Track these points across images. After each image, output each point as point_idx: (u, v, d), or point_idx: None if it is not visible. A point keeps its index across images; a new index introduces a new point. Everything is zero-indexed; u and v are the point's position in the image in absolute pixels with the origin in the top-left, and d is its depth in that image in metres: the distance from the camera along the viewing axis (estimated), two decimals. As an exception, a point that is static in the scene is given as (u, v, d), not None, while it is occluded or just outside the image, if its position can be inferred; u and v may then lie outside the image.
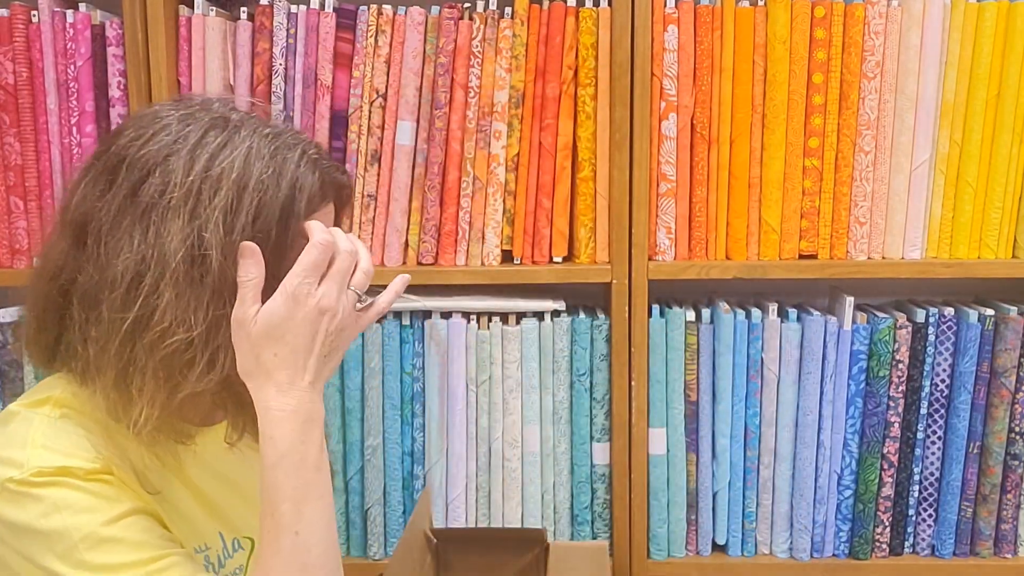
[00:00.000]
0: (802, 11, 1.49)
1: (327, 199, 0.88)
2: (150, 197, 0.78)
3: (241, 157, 0.79)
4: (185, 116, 0.82)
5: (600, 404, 1.57)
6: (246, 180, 0.79)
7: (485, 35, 1.50)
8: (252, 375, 0.80)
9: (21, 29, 1.50)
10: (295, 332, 0.79)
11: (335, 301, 0.82)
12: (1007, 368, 1.53)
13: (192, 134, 0.80)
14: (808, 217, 1.55)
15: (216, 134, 0.81)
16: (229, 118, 0.84)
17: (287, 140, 0.85)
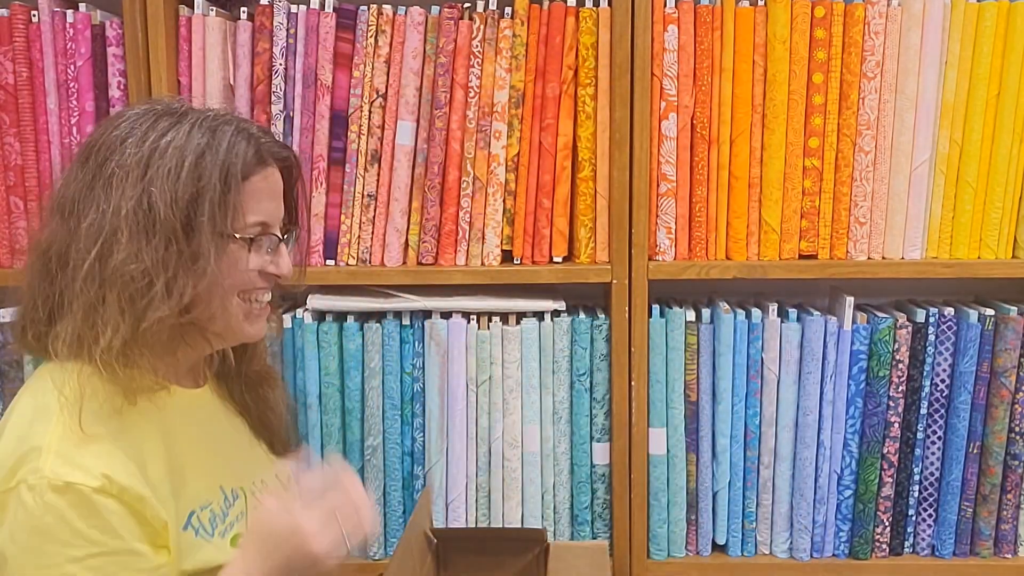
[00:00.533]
0: (802, 11, 1.49)
1: (264, 163, 0.97)
2: (111, 171, 0.91)
3: (184, 133, 0.93)
4: (143, 111, 0.97)
5: (600, 404, 1.57)
6: (187, 148, 0.92)
7: (485, 35, 1.50)
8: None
9: (21, 29, 1.50)
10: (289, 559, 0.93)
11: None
12: (1007, 368, 1.53)
13: (146, 121, 0.94)
14: (808, 217, 1.55)
15: (166, 119, 0.94)
16: (179, 110, 0.97)
17: (226, 119, 0.97)
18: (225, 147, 0.93)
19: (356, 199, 1.55)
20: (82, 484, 0.83)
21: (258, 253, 0.97)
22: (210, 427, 1.05)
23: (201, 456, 0.99)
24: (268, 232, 0.98)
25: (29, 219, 1.54)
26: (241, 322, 0.99)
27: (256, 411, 1.14)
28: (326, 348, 1.55)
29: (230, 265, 0.94)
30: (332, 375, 1.56)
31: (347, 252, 1.56)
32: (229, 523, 0.98)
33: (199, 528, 0.94)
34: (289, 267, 1.00)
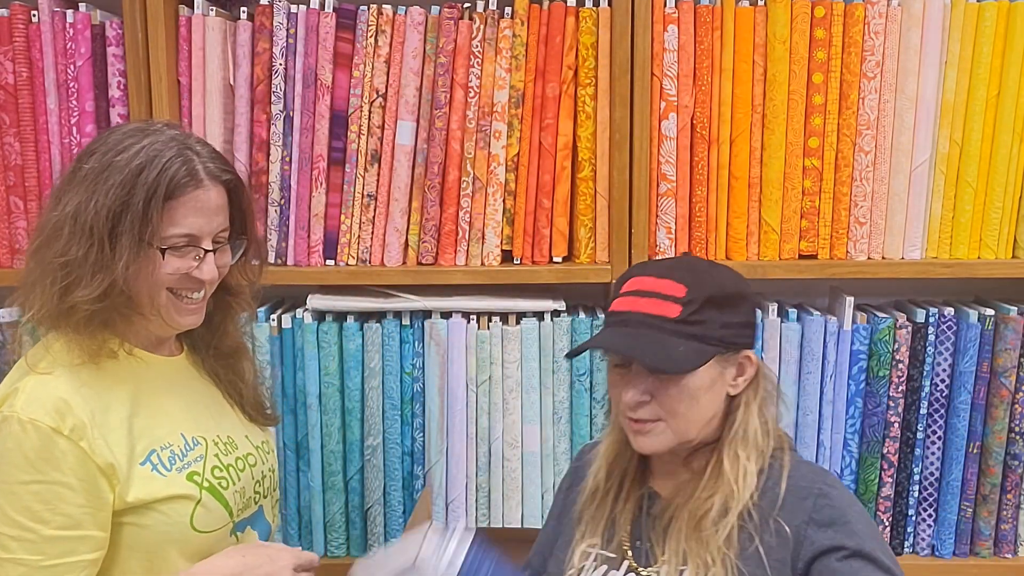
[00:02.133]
0: (802, 11, 1.49)
1: (198, 184, 1.08)
2: (81, 174, 1.07)
3: (135, 152, 1.07)
4: (132, 128, 1.11)
5: (600, 404, 1.57)
6: (130, 165, 1.06)
7: (485, 35, 1.50)
8: None
9: (21, 29, 1.50)
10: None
11: None
12: (1007, 368, 1.53)
13: (124, 137, 1.09)
14: (808, 217, 1.55)
15: (136, 137, 1.09)
16: (154, 131, 1.11)
17: (181, 142, 1.10)
18: (159, 168, 1.06)
19: (356, 199, 1.55)
20: (40, 421, 1.03)
21: (181, 259, 1.09)
22: (179, 387, 1.19)
23: (166, 407, 1.15)
24: (194, 243, 1.09)
25: (29, 219, 1.54)
26: (172, 313, 1.12)
27: (227, 379, 1.26)
28: (326, 348, 1.55)
29: (148, 268, 1.08)
30: (332, 375, 1.56)
31: (347, 252, 1.56)
32: (186, 463, 1.13)
33: (157, 464, 1.10)
34: (212, 273, 1.12)
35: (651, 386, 1.08)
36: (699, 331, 1.07)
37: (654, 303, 1.08)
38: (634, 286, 1.11)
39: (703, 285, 1.09)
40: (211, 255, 1.11)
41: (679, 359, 1.06)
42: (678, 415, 1.09)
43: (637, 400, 1.09)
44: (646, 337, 1.07)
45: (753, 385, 1.13)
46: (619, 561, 1.14)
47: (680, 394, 1.08)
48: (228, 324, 1.26)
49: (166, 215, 1.07)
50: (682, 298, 1.08)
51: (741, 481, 1.09)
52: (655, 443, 1.11)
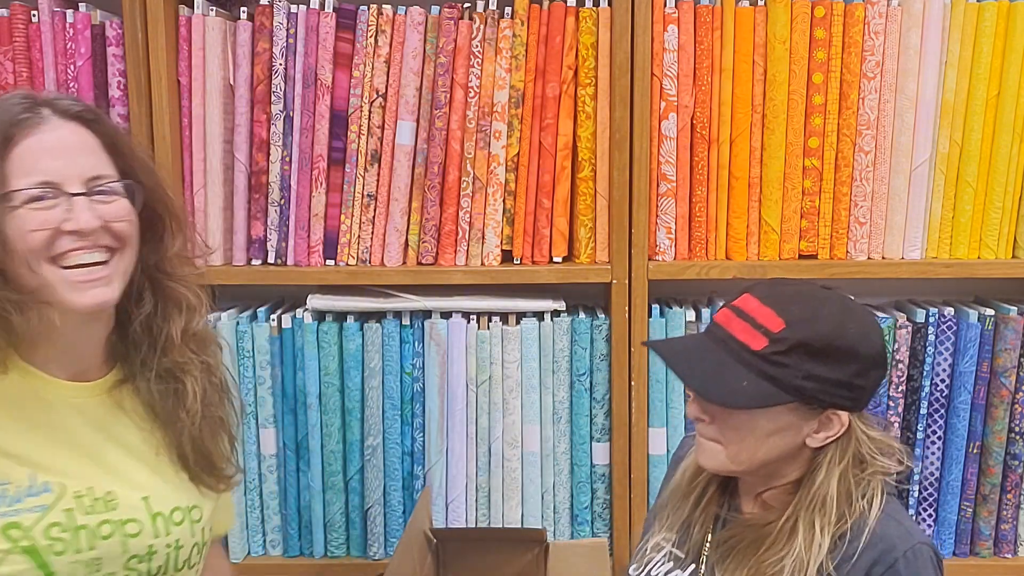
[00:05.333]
0: (802, 11, 1.49)
1: (40, 123, 0.93)
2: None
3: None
4: None
5: (600, 404, 1.57)
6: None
7: (485, 35, 1.50)
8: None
9: (21, 29, 1.50)
10: None
11: None
12: (1007, 368, 1.53)
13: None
14: (808, 217, 1.55)
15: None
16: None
17: (25, 92, 0.97)
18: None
19: (356, 199, 1.55)
20: None
21: (46, 211, 0.90)
22: (68, 418, 0.98)
23: (29, 440, 0.95)
24: (57, 190, 0.91)
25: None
26: (65, 291, 0.92)
27: (165, 415, 1.02)
28: (326, 348, 1.55)
29: (12, 235, 0.89)
30: (332, 375, 1.56)
31: (347, 252, 1.56)
32: (13, 509, 0.91)
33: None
34: (87, 221, 0.91)
35: (710, 408, 1.05)
36: (776, 372, 1.00)
37: (745, 328, 1.03)
38: (739, 303, 1.06)
39: (805, 328, 1.01)
40: (85, 200, 0.92)
41: (734, 392, 1.01)
42: (731, 445, 1.05)
43: (695, 416, 1.06)
44: (709, 360, 1.03)
45: (839, 445, 1.06)
46: (687, 564, 1.12)
47: (737, 426, 1.04)
48: (170, 327, 1.01)
49: (12, 164, 0.91)
50: (774, 333, 1.01)
51: (812, 552, 1.03)
52: (711, 462, 1.08)
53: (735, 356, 1.02)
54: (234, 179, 1.55)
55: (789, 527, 1.05)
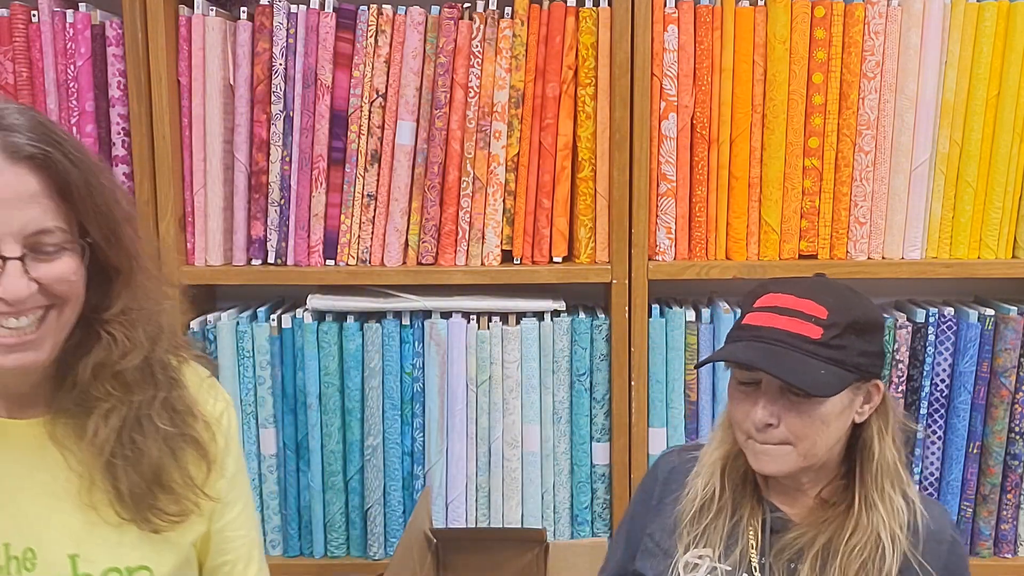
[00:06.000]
0: (802, 11, 1.49)
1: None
2: None
3: None
4: None
5: (600, 404, 1.57)
6: None
7: (485, 35, 1.50)
8: None
9: (21, 29, 1.50)
10: None
11: None
12: (1007, 368, 1.53)
13: None
14: (808, 217, 1.55)
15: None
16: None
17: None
18: None
19: (356, 199, 1.54)
20: None
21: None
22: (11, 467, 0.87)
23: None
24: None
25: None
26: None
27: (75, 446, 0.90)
28: (326, 348, 1.55)
29: None
30: (332, 375, 1.56)
31: (347, 252, 1.56)
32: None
33: None
34: (17, 291, 0.80)
35: (780, 408, 1.04)
36: (839, 356, 1.03)
37: (795, 322, 1.04)
38: (772, 302, 1.07)
39: (846, 310, 1.06)
40: (16, 264, 0.80)
41: (821, 382, 1.02)
42: (806, 440, 1.05)
43: (767, 422, 1.05)
44: (787, 356, 1.02)
45: (881, 413, 1.10)
46: (737, 573, 1.10)
47: (812, 419, 1.04)
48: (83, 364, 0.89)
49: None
50: (824, 320, 1.04)
51: (897, 517, 1.06)
52: (778, 466, 1.07)
53: (799, 350, 1.03)
54: (234, 179, 1.55)
55: (867, 504, 1.07)
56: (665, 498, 1.19)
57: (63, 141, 0.83)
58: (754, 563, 1.10)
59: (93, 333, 0.90)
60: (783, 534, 1.10)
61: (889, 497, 1.07)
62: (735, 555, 1.10)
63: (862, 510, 1.07)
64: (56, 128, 0.85)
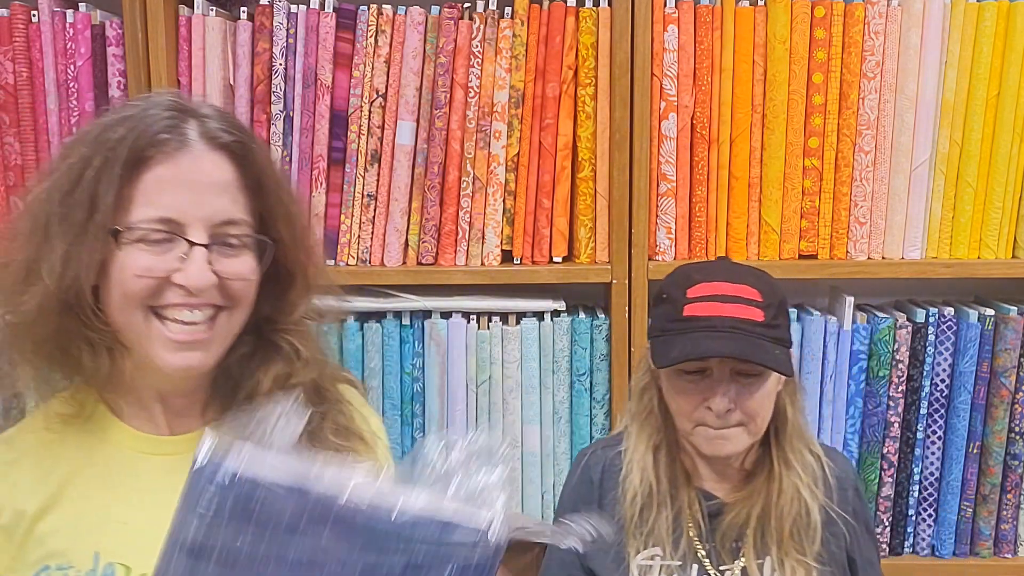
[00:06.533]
0: (802, 11, 1.49)
1: (183, 146, 0.78)
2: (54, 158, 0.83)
3: (113, 114, 0.80)
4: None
5: (600, 404, 1.57)
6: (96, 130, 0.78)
7: (485, 35, 1.50)
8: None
9: (21, 29, 1.50)
10: None
11: None
12: (1007, 368, 1.53)
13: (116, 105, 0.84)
14: (808, 217, 1.55)
15: (129, 102, 0.83)
16: (154, 94, 0.85)
17: (176, 101, 0.82)
18: (128, 126, 0.77)
19: (356, 199, 1.54)
20: None
21: (155, 255, 0.77)
22: (152, 483, 0.83)
23: (100, 509, 0.82)
24: (177, 233, 0.77)
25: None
26: (154, 344, 0.79)
27: None
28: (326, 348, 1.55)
29: (115, 265, 0.77)
30: (332, 375, 1.56)
31: (347, 252, 1.56)
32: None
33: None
34: (199, 278, 0.77)
35: (735, 393, 1.08)
36: (778, 335, 1.09)
37: (740, 308, 1.08)
38: (710, 291, 1.10)
39: (773, 290, 1.11)
40: (202, 252, 0.78)
41: (785, 363, 1.07)
42: (758, 419, 1.10)
43: (725, 408, 1.08)
44: (748, 342, 1.06)
45: (789, 381, 1.16)
46: (687, 566, 1.14)
47: (763, 398, 1.09)
48: (262, 375, 0.86)
49: (131, 188, 0.76)
50: (761, 302, 1.08)
51: (811, 473, 1.13)
52: (734, 447, 1.11)
53: (752, 334, 1.06)
54: (234, 179, 1.55)
55: (785, 464, 1.14)
56: (604, 499, 1.20)
57: (255, 137, 0.83)
58: (700, 552, 1.14)
59: (269, 344, 0.87)
60: (721, 518, 1.14)
61: (801, 455, 1.14)
62: (681, 548, 1.14)
63: (782, 471, 1.13)
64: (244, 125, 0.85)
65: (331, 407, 0.92)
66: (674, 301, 1.13)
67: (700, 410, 1.09)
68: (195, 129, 0.79)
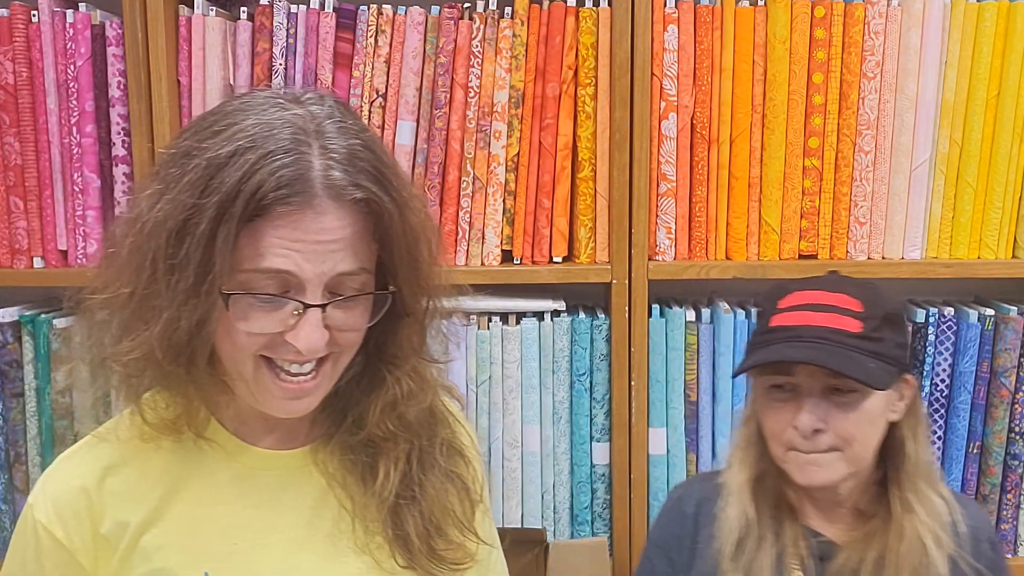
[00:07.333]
0: (802, 11, 1.49)
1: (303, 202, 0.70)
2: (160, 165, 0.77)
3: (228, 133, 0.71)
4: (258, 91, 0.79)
5: (600, 404, 1.57)
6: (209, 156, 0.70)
7: (485, 35, 1.50)
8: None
9: (21, 29, 1.50)
10: None
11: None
12: (1007, 368, 1.53)
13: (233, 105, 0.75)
14: (808, 217, 1.55)
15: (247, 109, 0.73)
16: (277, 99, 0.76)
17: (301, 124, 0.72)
18: (247, 166, 0.68)
19: (356, 199, 1.54)
20: (31, 505, 0.80)
21: (268, 315, 0.72)
22: (261, 498, 0.81)
23: (203, 527, 0.80)
24: (291, 291, 0.72)
25: (29, 219, 1.53)
26: (263, 394, 0.76)
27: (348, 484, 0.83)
28: (326, 348, 1.55)
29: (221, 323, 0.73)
30: (332, 375, 1.56)
31: (347, 252, 1.56)
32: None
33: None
34: (312, 341, 0.72)
35: (825, 411, 0.98)
36: (879, 348, 0.98)
37: (833, 317, 0.98)
38: (801, 300, 1.01)
39: (878, 302, 1.01)
40: (317, 313, 0.73)
41: (875, 375, 0.95)
42: (855, 443, 0.98)
43: (815, 427, 0.97)
44: (833, 351, 0.95)
45: (913, 411, 1.04)
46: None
47: (859, 420, 0.98)
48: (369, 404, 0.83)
49: (245, 241, 0.70)
50: (860, 313, 0.99)
51: (937, 519, 1.00)
52: (828, 476, 0.99)
53: (843, 345, 0.96)
54: (234, 179, 1.55)
55: (905, 508, 1.01)
56: (699, 535, 1.10)
57: (387, 174, 0.74)
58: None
59: (378, 372, 0.83)
60: (831, 561, 1.03)
61: (926, 498, 1.01)
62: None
63: (902, 516, 1.01)
64: (379, 151, 0.75)
65: (440, 425, 0.90)
66: (764, 314, 1.04)
67: (789, 431, 0.99)
68: (320, 178, 0.71)
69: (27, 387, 1.53)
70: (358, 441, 0.84)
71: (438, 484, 0.86)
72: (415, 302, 0.81)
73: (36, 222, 1.54)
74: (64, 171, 1.52)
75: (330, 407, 0.85)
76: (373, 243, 0.76)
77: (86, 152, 1.51)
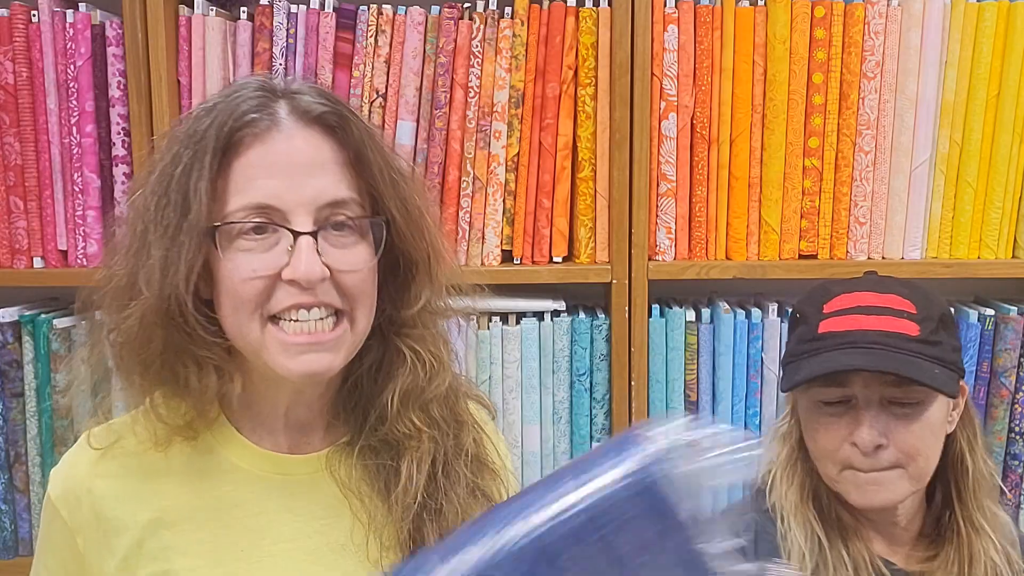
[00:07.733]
0: (802, 11, 1.49)
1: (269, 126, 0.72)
2: None
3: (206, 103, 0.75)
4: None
5: (600, 404, 1.57)
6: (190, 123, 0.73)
7: (485, 35, 1.50)
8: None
9: (21, 29, 1.50)
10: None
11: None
12: (1007, 368, 1.53)
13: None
14: (808, 217, 1.55)
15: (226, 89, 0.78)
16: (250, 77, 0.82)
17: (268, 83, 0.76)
18: (215, 114, 0.72)
19: (356, 199, 1.54)
20: (50, 489, 0.81)
21: (259, 254, 0.71)
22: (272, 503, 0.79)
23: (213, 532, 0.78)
24: (274, 221, 0.71)
25: (29, 219, 1.53)
26: (273, 353, 0.73)
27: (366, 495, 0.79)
28: (326, 348, 1.55)
29: (224, 270, 0.71)
30: (332, 375, 1.56)
31: (347, 252, 1.56)
32: None
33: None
34: (309, 269, 0.70)
35: (885, 425, 0.89)
36: (938, 353, 0.89)
37: (887, 320, 0.89)
38: (851, 302, 0.92)
39: (930, 302, 0.92)
40: (309, 241, 0.71)
41: (943, 382, 0.87)
42: (919, 458, 0.90)
43: (877, 443, 0.89)
44: (893, 357, 0.86)
45: (967, 420, 0.96)
46: None
47: (922, 432, 0.89)
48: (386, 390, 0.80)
49: (224, 179, 0.71)
50: (915, 315, 0.90)
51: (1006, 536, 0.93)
52: (889, 496, 0.90)
53: (903, 351, 0.88)
54: (234, 179, 1.55)
55: (973, 527, 0.93)
56: None
57: (354, 110, 0.77)
58: None
59: (393, 350, 0.80)
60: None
61: (992, 514, 0.94)
62: None
63: (971, 536, 0.93)
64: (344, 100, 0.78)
65: (465, 433, 0.85)
66: (808, 320, 0.95)
67: (845, 448, 0.90)
68: (285, 106, 0.74)
69: (27, 387, 1.53)
70: (380, 441, 0.80)
71: (462, 501, 0.82)
72: (414, 245, 0.79)
73: (36, 222, 1.53)
74: (64, 171, 1.52)
75: (348, 408, 0.83)
76: (354, 171, 0.76)
77: (86, 152, 1.51)
